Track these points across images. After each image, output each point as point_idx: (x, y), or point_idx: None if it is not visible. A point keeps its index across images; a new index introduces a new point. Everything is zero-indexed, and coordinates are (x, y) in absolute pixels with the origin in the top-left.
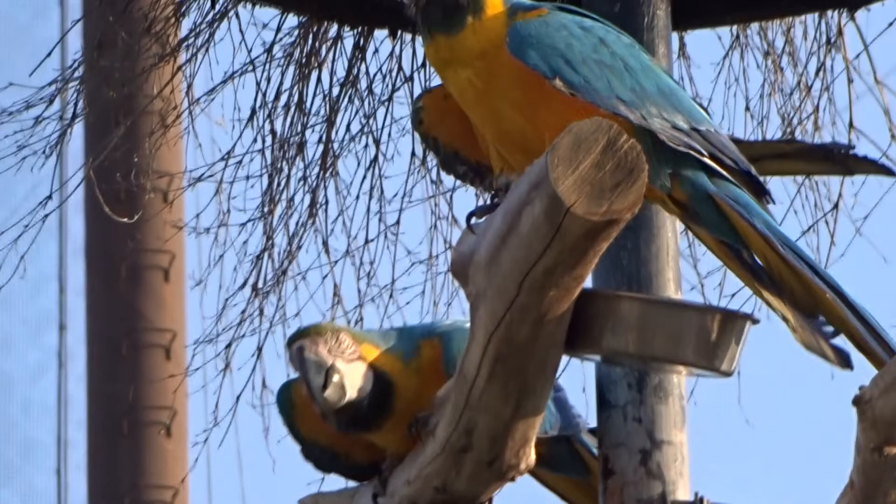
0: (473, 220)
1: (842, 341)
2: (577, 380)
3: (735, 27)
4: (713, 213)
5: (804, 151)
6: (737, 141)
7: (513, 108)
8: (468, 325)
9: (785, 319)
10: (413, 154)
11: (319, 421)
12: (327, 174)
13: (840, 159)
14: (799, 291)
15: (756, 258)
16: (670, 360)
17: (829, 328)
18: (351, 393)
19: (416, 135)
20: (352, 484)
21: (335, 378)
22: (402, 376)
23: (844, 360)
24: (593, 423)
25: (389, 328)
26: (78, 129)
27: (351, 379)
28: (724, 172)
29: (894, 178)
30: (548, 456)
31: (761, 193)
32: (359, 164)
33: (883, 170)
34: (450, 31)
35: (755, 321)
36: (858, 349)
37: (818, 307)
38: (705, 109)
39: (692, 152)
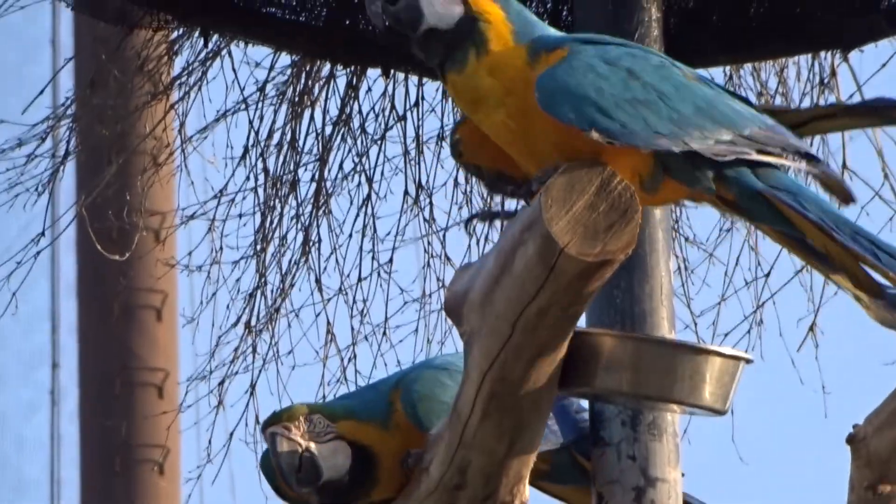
0: (475, 222)
1: None
2: None
3: (728, 67)
4: (764, 209)
5: (851, 109)
6: (783, 110)
7: (553, 148)
8: (440, 360)
9: (857, 299)
10: (406, 193)
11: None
12: (320, 212)
13: (886, 112)
14: (862, 275)
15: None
16: (664, 400)
17: None
18: (328, 473)
19: (459, 166)
20: None
21: (308, 462)
22: (383, 443)
23: None
24: None
25: (367, 386)
26: (70, 168)
27: (326, 460)
28: (773, 160)
29: None
30: (550, 470)
31: (814, 161)
32: (351, 202)
33: None
34: (459, 68)
35: (749, 361)
36: None
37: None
38: (746, 101)
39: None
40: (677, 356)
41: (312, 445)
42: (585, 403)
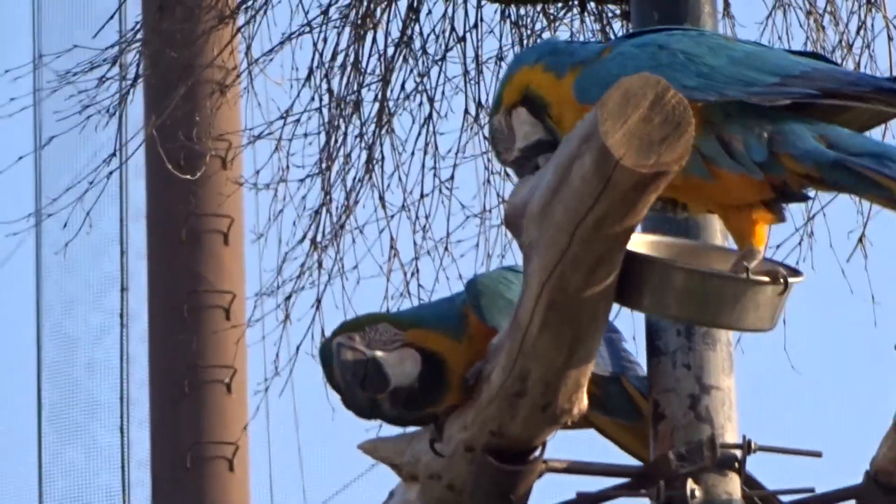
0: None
1: None
2: (629, 327)
3: None
4: (851, 178)
5: None
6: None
7: None
8: (504, 270)
9: None
10: (466, 111)
11: None
12: (383, 131)
13: None
14: None
15: None
16: (711, 325)
17: None
18: (396, 380)
19: None
20: (409, 430)
21: (374, 369)
22: (454, 352)
23: None
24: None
25: (443, 298)
26: (139, 92)
27: (393, 367)
28: (853, 104)
29: None
30: (601, 396)
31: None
32: (413, 121)
33: None
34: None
35: (799, 275)
36: None
37: None
38: (815, 55)
39: (798, 100)
40: (725, 287)
41: (378, 353)
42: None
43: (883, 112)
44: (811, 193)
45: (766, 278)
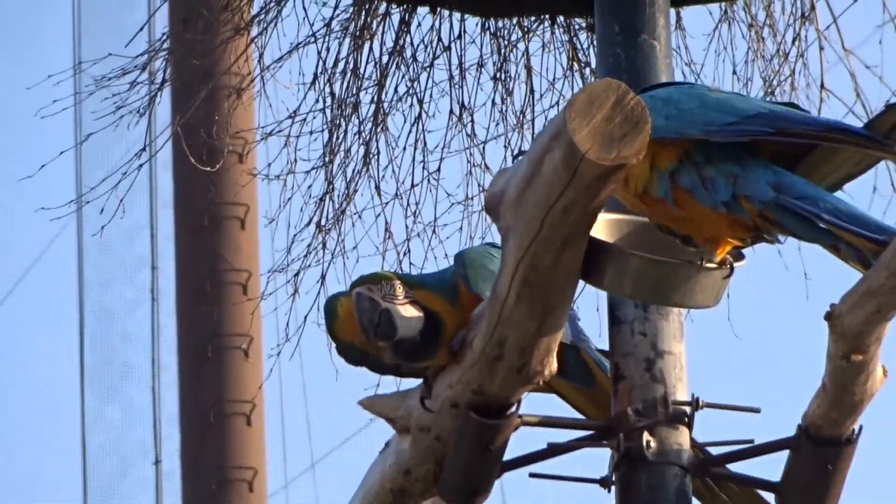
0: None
1: None
2: (593, 300)
3: (723, 3)
4: (793, 220)
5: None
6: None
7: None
8: (487, 245)
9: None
10: (451, 112)
11: (354, 327)
12: (378, 129)
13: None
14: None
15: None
16: (663, 304)
17: None
18: (402, 332)
19: None
20: (402, 388)
21: (386, 318)
22: (450, 315)
23: None
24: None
25: (441, 270)
26: (166, 94)
27: (402, 319)
28: (804, 141)
29: None
30: (560, 362)
31: (874, 141)
32: (405, 120)
33: None
34: None
35: (742, 259)
36: None
37: None
38: (790, 104)
39: (754, 137)
40: (675, 272)
41: (390, 306)
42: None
43: (868, 157)
44: (781, 238)
45: (713, 265)
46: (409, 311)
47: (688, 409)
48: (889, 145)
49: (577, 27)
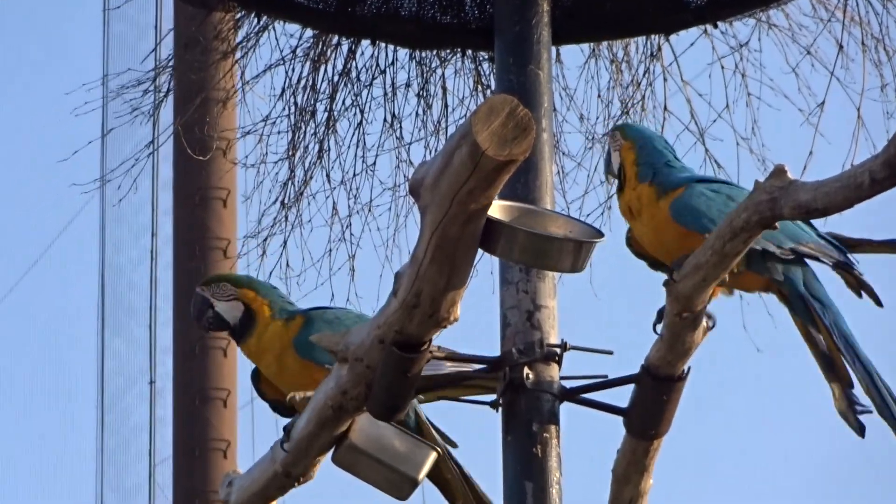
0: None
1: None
2: (489, 264)
3: (591, 44)
4: (802, 307)
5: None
6: (844, 239)
7: (676, 245)
8: (338, 316)
9: (832, 391)
10: (385, 120)
11: (272, 386)
12: (329, 131)
13: None
14: (841, 368)
15: (822, 337)
16: (541, 269)
17: (861, 405)
18: (222, 318)
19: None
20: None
21: (211, 311)
22: (264, 318)
23: (861, 431)
24: None
25: (296, 302)
26: (169, 101)
27: (221, 309)
28: (821, 261)
29: None
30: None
31: (849, 267)
32: (350, 125)
33: None
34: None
35: (601, 235)
36: (878, 413)
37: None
38: (813, 227)
39: (804, 257)
40: (552, 244)
41: (213, 299)
42: None
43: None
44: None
45: (580, 239)
46: (231, 307)
47: (558, 350)
48: None
49: (481, 58)
